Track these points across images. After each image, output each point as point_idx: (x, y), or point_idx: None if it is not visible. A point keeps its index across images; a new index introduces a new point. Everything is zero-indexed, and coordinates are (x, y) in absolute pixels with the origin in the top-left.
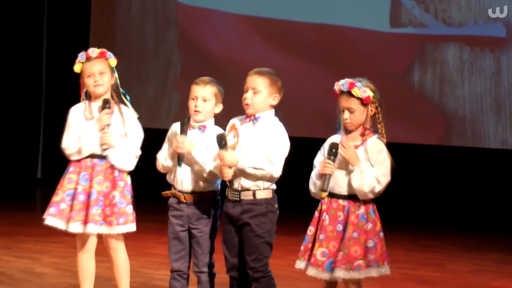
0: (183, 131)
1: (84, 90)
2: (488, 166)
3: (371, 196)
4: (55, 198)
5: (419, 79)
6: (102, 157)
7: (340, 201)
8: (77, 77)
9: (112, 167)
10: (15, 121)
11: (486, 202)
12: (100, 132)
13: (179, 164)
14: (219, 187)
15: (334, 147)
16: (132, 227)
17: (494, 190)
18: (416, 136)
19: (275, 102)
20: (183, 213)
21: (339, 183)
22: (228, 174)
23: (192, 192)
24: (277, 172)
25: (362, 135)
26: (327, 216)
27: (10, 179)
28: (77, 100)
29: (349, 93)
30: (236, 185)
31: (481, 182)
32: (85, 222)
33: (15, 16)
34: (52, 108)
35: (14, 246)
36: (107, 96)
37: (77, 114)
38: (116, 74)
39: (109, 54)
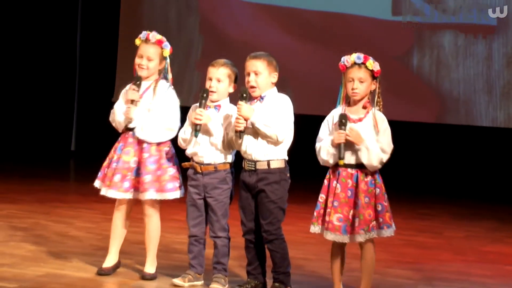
0: (201, 104)
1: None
2: (480, 142)
3: (379, 166)
4: (104, 163)
5: (418, 63)
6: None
7: (349, 170)
8: (108, 55)
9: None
10: (50, 97)
11: (478, 174)
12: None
13: (196, 135)
14: (233, 159)
15: (343, 118)
16: (148, 194)
17: (485, 163)
18: (414, 115)
19: (275, 80)
20: (199, 182)
21: (348, 153)
22: (241, 125)
23: (208, 164)
24: (282, 135)
25: (365, 107)
26: (338, 184)
27: (46, 151)
28: (109, 77)
29: (362, 65)
30: (252, 155)
31: (474, 156)
32: (109, 187)
33: (55, 2)
34: (86, 84)
35: (51, 211)
36: (149, 74)
37: (125, 90)
38: (168, 61)
39: (166, 44)
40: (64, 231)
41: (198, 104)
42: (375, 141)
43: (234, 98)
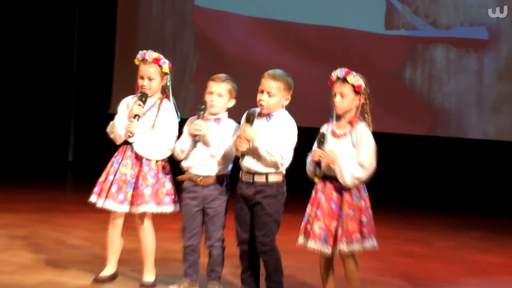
0: (200, 116)
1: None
2: (470, 154)
3: (356, 183)
4: (100, 179)
5: (410, 77)
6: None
7: (334, 182)
8: (105, 66)
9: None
10: (48, 107)
11: (467, 186)
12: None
13: (195, 146)
14: (229, 171)
15: (321, 136)
16: (148, 207)
17: (474, 175)
18: (406, 127)
19: (287, 103)
20: (199, 194)
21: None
22: (243, 146)
23: (207, 176)
24: (283, 163)
25: (350, 123)
26: (322, 195)
27: (43, 161)
28: (106, 88)
29: (344, 80)
30: (250, 168)
31: (464, 168)
32: (106, 198)
33: (52, 14)
34: (83, 94)
35: (48, 220)
36: (152, 93)
37: (124, 103)
38: (169, 77)
39: (163, 61)
40: (62, 239)
41: (196, 116)
42: (351, 158)
43: (237, 113)
